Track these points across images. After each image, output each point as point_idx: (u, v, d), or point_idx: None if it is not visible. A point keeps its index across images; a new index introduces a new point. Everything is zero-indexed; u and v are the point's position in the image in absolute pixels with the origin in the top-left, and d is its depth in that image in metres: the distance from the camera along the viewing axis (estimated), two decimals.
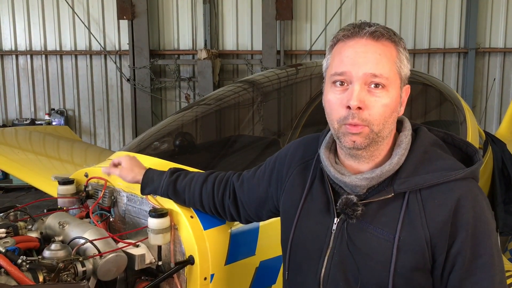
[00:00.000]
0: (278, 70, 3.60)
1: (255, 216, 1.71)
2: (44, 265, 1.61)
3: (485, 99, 8.83)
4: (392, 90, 1.25)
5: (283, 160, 1.57)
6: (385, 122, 1.25)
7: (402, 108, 1.31)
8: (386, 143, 1.31)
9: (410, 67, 1.32)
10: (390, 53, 1.25)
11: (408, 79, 1.33)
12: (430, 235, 1.21)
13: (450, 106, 3.29)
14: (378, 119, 1.23)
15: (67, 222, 1.87)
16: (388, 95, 1.24)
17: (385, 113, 1.24)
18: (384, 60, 1.23)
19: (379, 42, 1.24)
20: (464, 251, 1.20)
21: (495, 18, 8.65)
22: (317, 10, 8.65)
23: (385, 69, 1.23)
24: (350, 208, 1.27)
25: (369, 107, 1.22)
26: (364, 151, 1.28)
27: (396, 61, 1.25)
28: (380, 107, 1.23)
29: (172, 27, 8.76)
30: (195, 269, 1.77)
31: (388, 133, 1.28)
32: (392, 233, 1.24)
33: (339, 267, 1.31)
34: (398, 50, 1.26)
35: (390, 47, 1.25)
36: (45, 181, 3.41)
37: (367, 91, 1.22)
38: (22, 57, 8.88)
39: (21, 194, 8.08)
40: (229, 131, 3.01)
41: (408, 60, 1.30)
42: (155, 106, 8.82)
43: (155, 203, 1.86)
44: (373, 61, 1.22)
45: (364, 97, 1.22)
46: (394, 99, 1.25)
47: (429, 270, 1.25)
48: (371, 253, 1.26)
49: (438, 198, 1.23)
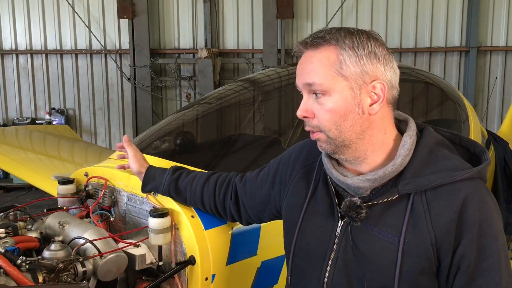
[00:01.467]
0: (279, 68, 3.58)
1: (256, 218, 1.69)
2: (43, 266, 1.60)
3: (486, 98, 8.81)
4: (336, 94, 1.23)
5: (287, 162, 1.56)
6: (338, 126, 1.24)
7: (375, 106, 1.25)
8: (368, 143, 1.27)
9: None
10: (327, 57, 1.23)
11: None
12: (436, 237, 1.19)
13: (452, 104, 3.28)
14: (327, 124, 1.25)
15: (67, 222, 1.86)
16: (331, 99, 1.24)
17: (332, 117, 1.24)
18: (318, 67, 1.24)
19: (318, 49, 1.25)
20: (469, 254, 1.18)
21: (496, 16, 8.62)
22: (318, 8, 8.63)
23: (319, 76, 1.23)
24: (354, 210, 1.25)
25: (317, 114, 1.26)
26: (341, 155, 1.29)
27: (334, 64, 1.23)
28: (325, 113, 1.25)
29: (172, 26, 8.74)
30: (196, 269, 1.75)
31: (356, 135, 1.25)
32: (397, 236, 1.22)
33: (343, 271, 1.29)
34: (341, 51, 1.23)
35: (329, 51, 1.24)
36: (45, 181, 3.40)
37: (314, 99, 1.26)
38: (23, 56, 8.87)
39: (21, 193, 8.07)
40: (230, 130, 3.00)
41: (359, 56, 1.23)
42: (155, 105, 8.81)
43: (156, 202, 1.85)
44: (307, 70, 1.26)
45: (312, 105, 1.27)
46: (340, 102, 1.23)
47: (434, 273, 1.22)
48: (376, 256, 1.24)
49: (443, 199, 1.20)
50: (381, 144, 1.29)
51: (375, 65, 1.24)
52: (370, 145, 1.28)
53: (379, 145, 1.29)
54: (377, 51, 1.24)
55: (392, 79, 1.27)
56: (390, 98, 1.28)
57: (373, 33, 1.29)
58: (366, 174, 1.27)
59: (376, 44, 1.25)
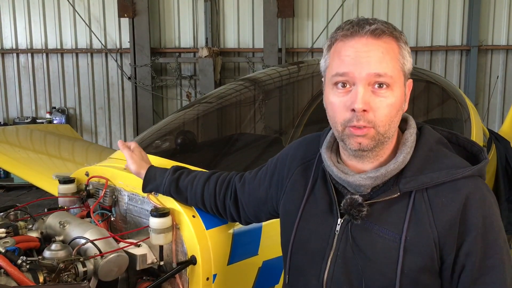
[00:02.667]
0: (280, 68, 3.58)
1: (254, 217, 1.69)
2: (44, 266, 1.59)
3: (487, 97, 8.80)
4: (397, 89, 1.21)
5: (284, 161, 1.55)
6: (391, 122, 1.21)
7: (406, 104, 1.27)
8: (391, 142, 1.27)
9: (412, 62, 1.29)
10: (393, 50, 1.20)
11: (411, 75, 1.30)
12: (439, 235, 1.19)
13: (454, 103, 3.27)
14: (384, 120, 1.19)
15: (67, 222, 1.85)
16: (393, 94, 1.20)
17: (390, 113, 1.20)
18: (387, 58, 1.19)
19: (381, 39, 1.19)
20: (475, 251, 1.18)
21: (497, 15, 8.61)
22: (319, 7, 8.62)
23: (389, 68, 1.18)
24: (355, 208, 1.24)
25: (374, 108, 1.18)
26: (373, 152, 1.25)
27: (399, 58, 1.21)
28: (386, 108, 1.19)
29: (173, 25, 8.73)
30: (197, 269, 1.75)
31: (393, 132, 1.25)
32: (399, 234, 1.21)
33: (343, 270, 1.28)
34: (400, 46, 1.22)
35: (392, 43, 1.21)
36: (46, 180, 3.40)
37: (371, 92, 1.18)
38: (23, 55, 8.86)
39: (22, 193, 8.07)
40: (231, 129, 3.00)
41: (410, 54, 1.25)
42: (156, 104, 8.80)
43: (157, 202, 1.84)
44: (376, 60, 1.17)
45: (369, 98, 1.18)
46: (399, 97, 1.22)
47: (437, 271, 1.22)
48: (377, 254, 1.23)
49: (445, 196, 1.20)
50: (391, 142, 1.29)
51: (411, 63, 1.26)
52: (389, 143, 1.28)
53: (390, 143, 1.28)
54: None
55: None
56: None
57: None
58: (368, 171, 1.26)
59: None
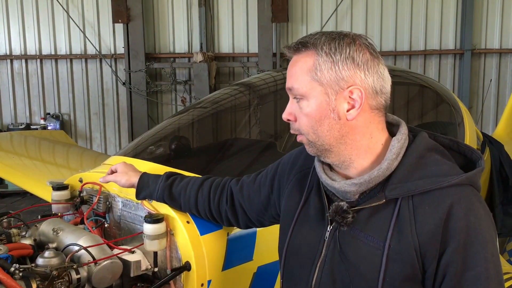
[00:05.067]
0: (275, 72, 3.58)
1: (257, 221, 1.68)
2: (37, 273, 1.58)
3: (481, 100, 8.85)
4: (312, 99, 1.24)
5: (285, 167, 1.56)
6: (315, 131, 1.26)
7: (352, 112, 1.23)
8: (351, 148, 1.26)
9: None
10: (305, 62, 1.25)
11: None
12: (420, 244, 1.16)
13: (447, 107, 3.28)
14: (305, 128, 1.28)
15: (61, 229, 1.84)
16: (308, 104, 1.25)
17: (310, 122, 1.26)
18: (298, 72, 1.26)
19: (300, 54, 1.27)
20: (455, 262, 1.15)
21: (490, 19, 8.68)
22: (313, 12, 8.66)
23: (297, 81, 1.26)
24: (339, 215, 1.25)
25: (297, 118, 1.29)
26: (326, 158, 1.30)
27: (310, 70, 1.23)
28: (303, 117, 1.27)
29: (167, 30, 8.74)
30: (192, 275, 1.74)
31: (335, 140, 1.25)
32: (382, 241, 1.20)
33: (330, 276, 1.28)
34: (317, 57, 1.23)
35: (308, 56, 1.25)
36: (40, 187, 3.38)
37: (296, 103, 1.29)
38: (17, 61, 8.85)
39: (16, 199, 8.03)
40: (226, 134, 2.99)
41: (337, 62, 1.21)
42: (151, 109, 8.80)
43: (151, 208, 1.84)
44: (289, 76, 1.29)
45: (295, 109, 1.29)
46: (316, 107, 1.24)
47: (419, 280, 1.20)
48: (361, 261, 1.23)
49: (429, 205, 1.18)
50: (366, 148, 1.27)
51: (353, 70, 1.22)
52: (354, 150, 1.27)
53: (365, 150, 1.27)
54: (356, 56, 1.22)
55: (376, 85, 1.24)
56: (374, 104, 1.25)
57: (360, 37, 1.26)
58: (353, 178, 1.27)
59: (357, 49, 1.22)
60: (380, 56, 1.27)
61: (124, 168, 1.89)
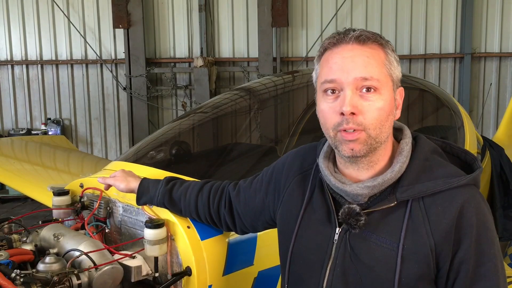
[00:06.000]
0: (275, 77, 3.59)
1: (251, 227, 1.69)
2: (38, 279, 1.58)
3: (481, 104, 8.85)
4: (385, 93, 1.23)
5: (280, 170, 1.55)
6: (381, 126, 1.23)
7: (398, 111, 1.30)
8: (384, 148, 1.28)
9: (403, 70, 1.31)
10: (378, 55, 1.23)
11: (403, 83, 1.32)
12: (435, 243, 1.20)
13: (448, 111, 3.29)
14: (374, 123, 1.21)
15: (62, 234, 1.84)
16: (381, 97, 1.22)
17: (380, 116, 1.22)
18: (373, 62, 1.22)
19: (366, 45, 1.23)
20: (468, 259, 1.19)
21: (490, 22, 8.69)
22: (313, 16, 8.67)
23: (375, 72, 1.21)
24: (353, 218, 1.25)
25: (363, 111, 1.21)
26: (368, 157, 1.27)
27: (385, 63, 1.24)
28: (375, 111, 1.21)
29: (168, 35, 8.76)
30: (193, 280, 1.74)
31: (385, 138, 1.26)
32: (396, 242, 1.22)
33: (342, 279, 1.29)
34: (386, 52, 1.25)
35: (377, 49, 1.24)
36: (41, 192, 3.38)
37: (360, 96, 1.21)
38: (18, 66, 8.86)
39: (17, 204, 8.03)
40: (226, 139, 3.00)
41: (398, 62, 1.28)
42: (151, 114, 8.81)
43: (151, 213, 1.84)
44: (362, 64, 1.21)
45: (357, 102, 1.20)
46: (388, 101, 1.24)
47: (433, 279, 1.23)
48: (375, 263, 1.24)
49: (441, 205, 1.21)
50: (387, 150, 1.30)
51: (400, 71, 1.29)
52: (384, 150, 1.29)
53: (387, 151, 1.30)
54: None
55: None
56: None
57: None
58: (365, 181, 1.27)
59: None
60: None
61: (123, 174, 1.90)
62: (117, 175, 1.90)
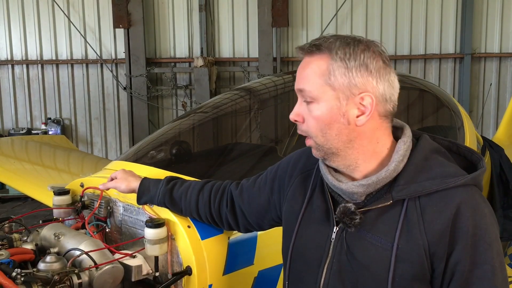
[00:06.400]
0: (275, 77, 3.59)
1: (256, 224, 1.69)
2: (39, 278, 1.58)
3: (481, 104, 8.86)
4: (323, 103, 1.25)
5: (285, 169, 1.57)
6: (324, 134, 1.26)
7: (361, 118, 1.24)
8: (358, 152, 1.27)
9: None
10: (318, 66, 1.25)
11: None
12: (429, 243, 1.19)
13: (447, 111, 3.29)
14: (314, 131, 1.28)
15: (62, 234, 1.85)
16: (318, 108, 1.26)
17: (318, 125, 1.27)
18: (310, 75, 1.26)
19: (313, 57, 1.27)
20: (463, 260, 1.18)
21: (490, 23, 8.70)
22: (313, 16, 8.68)
23: (309, 84, 1.26)
24: (348, 216, 1.26)
25: (306, 120, 1.30)
26: (332, 162, 1.31)
27: (324, 73, 1.24)
28: (312, 120, 1.28)
29: (168, 35, 8.77)
30: (193, 280, 1.75)
31: (343, 144, 1.26)
32: (390, 242, 1.22)
33: (338, 277, 1.30)
34: (331, 61, 1.23)
35: (322, 59, 1.25)
36: (41, 191, 3.39)
37: (306, 105, 1.29)
38: (18, 66, 8.87)
39: (17, 204, 8.03)
40: (226, 139, 3.00)
41: (351, 68, 1.22)
42: (152, 114, 8.81)
43: (152, 213, 1.84)
44: (300, 77, 1.29)
45: (303, 111, 1.30)
46: (326, 111, 1.25)
47: (428, 279, 1.22)
48: (370, 262, 1.24)
49: (437, 205, 1.20)
50: (372, 153, 1.29)
51: (366, 77, 1.23)
52: (361, 154, 1.29)
53: (371, 154, 1.29)
54: (370, 63, 1.23)
55: (386, 93, 1.26)
56: (383, 111, 1.27)
57: (374, 44, 1.27)
58: (360, 179, 1.28)
59: (371, 56, 1.24)
60: (391, 65, 1.29)
61: (123, 175, 1.90)
62: (117, 176, 1.90)
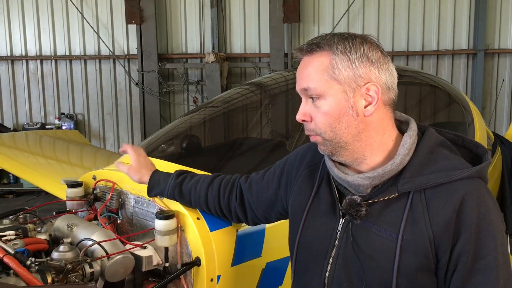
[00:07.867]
0: (286, 72, 3.60)
1: (263, 218, 1.72)
2: (52, 267, 1.63)
3: (494, 100, 8.77)
4: (330, 98, 1.27)
5: (292, 163, 1.59)
6: (333, 128, 1.28)
7: (369, 108, 1.28)
8: (365, 145, 1.30)
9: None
10: (321, 62, 1.28)
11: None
12: (434, 235, 1.21)
13: (458, 107, 3.28)
14: (323, 127, 1.30)
15: (75, 224, 1.89)
16: (326, 103, 1.28)
17: (328, 120, 1.28)
18: (313, 72, 1.28)
19: (314, 55, 1.30)
20: (467, 252, 1.19)
21: (504, 19, 8.59)
22: (325, 12, 8.65)
23: (313, 81, 1.28)
24: (353, 208, 1.28)
25: (313, 117, 1.31)
26: (340, 157, 1.33)
27: (327, 68, 1.27)
28: (321, 116, 1.29)
29: (180, 31, 8.80)
30: (202, 271, 1.78)
31: (352, 137, 1.29)
32: (396, 233, 1.24)
33: (344, 268, 1.32)
34: (333, 56, 1.27)
35: (323, 56, 1.28)
36: (55, 185, 3.44)
37: (311, 104, 1.31)
38: (32, 62, 8.97)
39: (31, 197, 8.15)
40: (236, 133, 3.03)
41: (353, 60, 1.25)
42: (163, 109, 8.86)
43: (162, 205, 1.88)
44: (303, 76, 1.31)
45: (309, 109, 1.31)
46: (334, 105, 1.27)
47: (433, 270, 1.24)
48: (375, 253, 1.26)
49: (442, 197, 1.22)
50: (379, 144, 1.31)
51: (368, 68, 1.27)
52: (368, 146, 1.31)
53: (378, 146, 1.31)
54: (370, 54, 1.27)
55: (388, 81, 1.30)
56: (387, 100, 1.31)
57: (369, 37, 1.31)
58: (366, 172, 1.31)
59: (370, 47, 1.28)
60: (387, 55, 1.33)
61: (137, 164, 1.91)
62: (132, 164, 1.92)
